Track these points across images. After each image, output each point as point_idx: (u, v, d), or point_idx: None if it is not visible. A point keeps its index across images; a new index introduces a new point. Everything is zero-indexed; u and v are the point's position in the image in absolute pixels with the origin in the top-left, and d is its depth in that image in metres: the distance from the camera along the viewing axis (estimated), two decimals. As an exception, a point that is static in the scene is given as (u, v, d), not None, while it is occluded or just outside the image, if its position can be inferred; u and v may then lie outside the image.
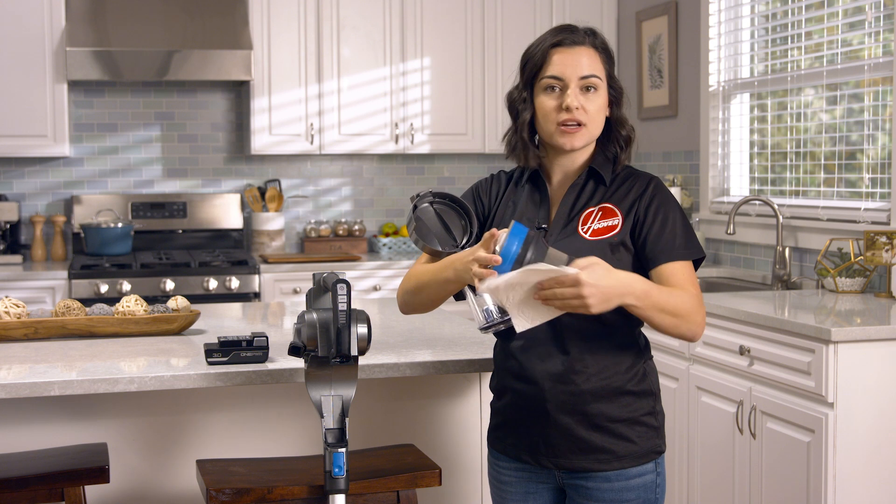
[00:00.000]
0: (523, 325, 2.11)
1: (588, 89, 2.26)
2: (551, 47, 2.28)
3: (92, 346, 2.88)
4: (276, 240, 5.69)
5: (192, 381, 2.52)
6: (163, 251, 5.58)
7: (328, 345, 2.27)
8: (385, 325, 3.20)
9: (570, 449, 2.24)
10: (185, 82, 5.70)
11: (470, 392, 2.99)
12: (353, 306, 2.26)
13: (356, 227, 5.81)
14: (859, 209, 4.06)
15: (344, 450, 2.30)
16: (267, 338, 2.60)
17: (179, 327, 3.03)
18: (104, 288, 4.96)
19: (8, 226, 5.39)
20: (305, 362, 2.34)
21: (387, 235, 5.88)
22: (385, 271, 5.33)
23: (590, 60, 2.27)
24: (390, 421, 2.95)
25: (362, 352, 2.29)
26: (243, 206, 5.82)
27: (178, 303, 3.06)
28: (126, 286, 4.97)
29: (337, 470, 2.30)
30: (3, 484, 2.46)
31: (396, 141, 5.62)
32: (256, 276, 5.17)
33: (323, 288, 2.33)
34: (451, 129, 5.69)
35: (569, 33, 2.30)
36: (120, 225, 5.38)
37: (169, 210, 5.65)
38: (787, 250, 4.37)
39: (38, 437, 2.77)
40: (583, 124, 2.25)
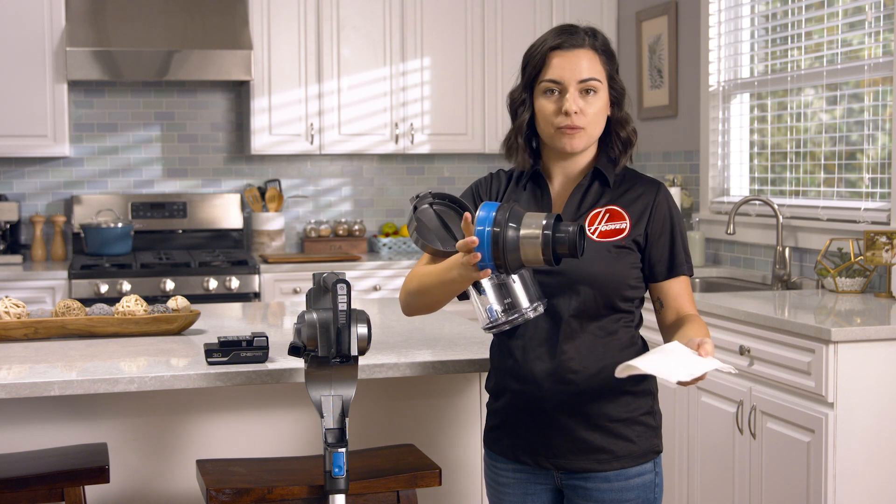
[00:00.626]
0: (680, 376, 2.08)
1: (587, 92, 2.25)
2: (551, 50, 2.27)
3: (92, 346, 2.88)
4: (276, 240, 5.69)
5: (192, 381, 2.52)
6: (163, 251, 5.58)
7: (328, 345, 2.27)
8: (385, 325, 3.20)
9: (570, 449, 2.24)
10: (185, 82, 5.70)
11: (470, 392, 2.99)
12: (353, 306, 2.26)
13: (356, 227, 5.81)
14: (859, 209, 4.06)
15: (344, 450, 2.30)
16: (267, 338, 2.60)
17: (179, 327, 3.03)
18: (104, 288, 4.96)
19: (8, 226, 5.39)
20: (305, 362, 2.34)
21: (387, 235, 5.88)
22: (385, 271, 5.33)
23: (589, 63, 2.26)
24: (390, 421, 2.95)
25: (362, 352, 2.29)
26: (243, 206, 5.82)
27: (178, 303, 3.06)
28: (126, 286, 4.97)
29: (337, 470, 2.30)
30: (3, 484, 2.46)
31: (396, 141, 5.62)
32: (256, 276, 5.17)
33: (323, 288, 2.33)
34: (451, 129, 5.69)
35: (568, 35, 2.28)
36: (120, 225, 5.38)
37: (169, 210, 5.65)
38: (787, 250, 4.37)
39: (38, 437, 2.77)
40: (582, 127, 2.24)
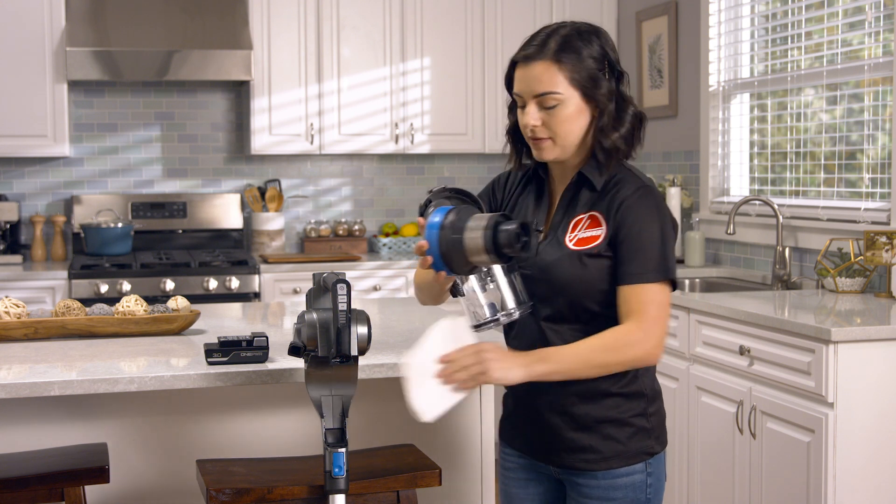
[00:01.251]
0: (429, 413, 2.14)
1: (548, 105, 2.20)
2: (513, 63, 2.25)
3: (92, 346, 2.88)
4: (276, 240, 5.69)
5: (192, 381, 2.52)
6: (163, 251, 5.58)
7: (328, 345, 2.27)
8: (385, 325, 3.20)
9: (561, 448, 2.27)
10: (185, 82, 5.70)
11: (470, 392, 2.99)
12: (353, 306, 2.26)
13: (356, 227, 5.81)
14: (859, 209, 4.06)
15: (344, 450, 2.30)
16: (267, 338, 2.60)
17: (179, 327, 3.03)
18: (104, 288, 4.96)
19: (8, 226, 5.39)
20: (305, 362, 2.33)
21: (387, 235, 5.88)
22: (385, 271, 5.33)
23: (547, 76, 2.18)
24: (390, 421, 2.95)
25: (362, 352, 2.29)
26: (243, 206, 5.82)
27: (178, 303, 3.06)
28: (126, 286, 4.97)
29: (337, 470, 2.30)
30: (3, 484, 2.46)
31: (396, 141, 5.62)
32: (256, 276, 5.17)
33: (323, 288, 2.33)
34: (451, 129, 5.69)
35: (526, 48, 2.23)
36: (120, 225, 5.38)
37: (169, 210, 5.65)
38: (787, 250, 4.37)
39: (38, 437, 2.77)
40: (548, 138, 2.22)
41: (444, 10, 5.64)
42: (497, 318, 2.17)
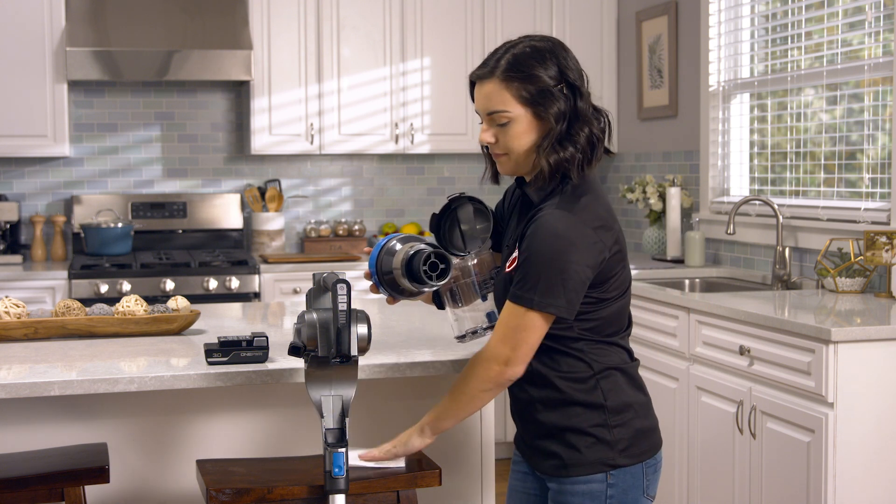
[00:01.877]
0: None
1: (499, 123, 2.26)
2: (471, 81, 2.33)
3: (92, 346, 2.88)
4: (276, 240, 5.69)
5: (192, 381, 2.52)
6: (163, 251, 5.58)
7: (328, 345, 2.27)
8: (385, 325, 3.20)
9: (532, 451, 2.37)
10: (185, 82, 5.70)
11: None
12: (353, 306, 2.26)
13: (356, 227, 5.81)
14: (859, 209, 4.06)
15: (344, 450, 2.30)
16: (267, 338, 2.60)
17: (179, 327, 3.03)
18: (104, 288, 4.96)
19: (8, 226, 5.39)
20: (305, 362, 2.34)
21: (387, 235, 5.87)
22: (385, 271, 5.32)
23: (496, 94, 2.24)
24: (390, 421, 2.95)
25: (362, 352, 2.29)
26: (243, 206, 5.82)
27: (178, 303, 3.06)
28: (126, 286, 4.97)
29: (337, 470, 2.30)
30: (3, 484, 2.46)
31: (396, 141, 5.62)
32: (256, 276, 5.17)
33: (323, 288, 2.33)
34: (451, 129, 5.69)
35: (480, 67, 2.29)
36: (120, 225, 5.38)
37: (169, 210, 5.65)
38: (787, 250, 4.37)
39: (38, 437, 2.77)
40: (503, 154, 2.30)
41: (444, 10, 5.64)
42: (473, 331, 2.38)
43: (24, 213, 5.57)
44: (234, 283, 5.10)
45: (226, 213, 5.72)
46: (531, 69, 2.21)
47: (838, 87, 4.26)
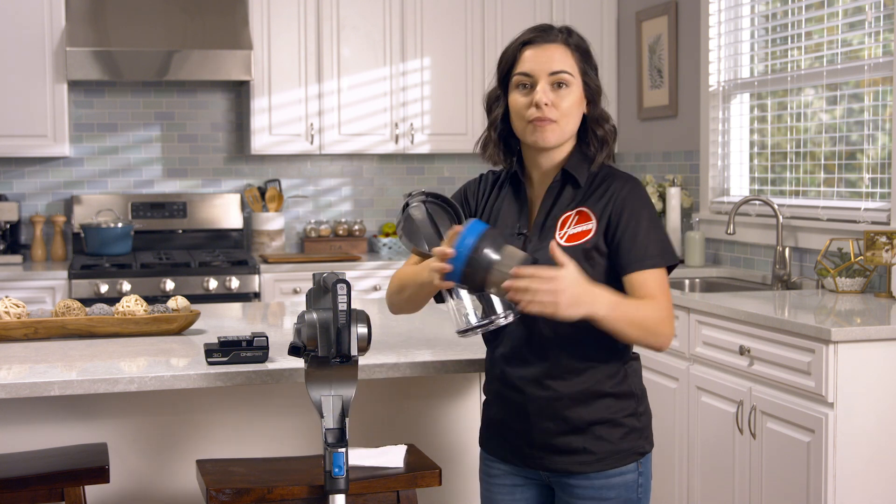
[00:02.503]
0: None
1: (559, 86, 2.24)
2: (522, 45, 2.28)
3: (92, 346, 2.88)
4: (276, 240, 5.69)
5: (192, 381, 2.52)
6: (163, 251, 5.58)
7: (328, 345, 2.27)
8: (385, 325, 3.20)
9: (552, 451, 2.27)
10: (185, 82, 5.70)
11: (470, 392, 2.99)
12: (353, 306, 2.26)
13: (356, 227, 5.81)
14: (859, 209, 4.06)
15: (344, 450, 2.30)
16: (267, 338, 2.60)
17: (179, 327, 3.03)
18: (104, 288, 4.96)
19: (8, 226, 5.39)
20: (305, 362, 2.34)
21: (387, 235, 5.88)
22: (385, 271, 5.33)
23: (561, 57, 2.25)
24: (390, 421, 2.95)
25: (362, 352, 2.29)
26: (243, 206, 5.82)
27: (178, 303, 3.06)
28: (126, 286, 4.97)
29: (337, 470, 2.30)
30: (3, 484, 2.46)
31: (396, 141, 5.62)
32: (256, 276, 5.17)
33: (323, 288, 2.33)
34: (451, 129, 5.69)
35: (541, 32, 2.29)
36: (120, 225, 5.38)
37: (169, 210, 5.65)
38: (787, 250, 4.37)
39: (38, 437, 2.77)
40: (554, 121, 2.23)
41: (444, 10, 5.64)
42: (484, 324, 2.16)
43: (24, 213, 5.57)
44: (234, 283, 5.10)
45: (226, 213, 5.72)
46: (589, 49, 2.31)
47: (838, 87, 4.26)
